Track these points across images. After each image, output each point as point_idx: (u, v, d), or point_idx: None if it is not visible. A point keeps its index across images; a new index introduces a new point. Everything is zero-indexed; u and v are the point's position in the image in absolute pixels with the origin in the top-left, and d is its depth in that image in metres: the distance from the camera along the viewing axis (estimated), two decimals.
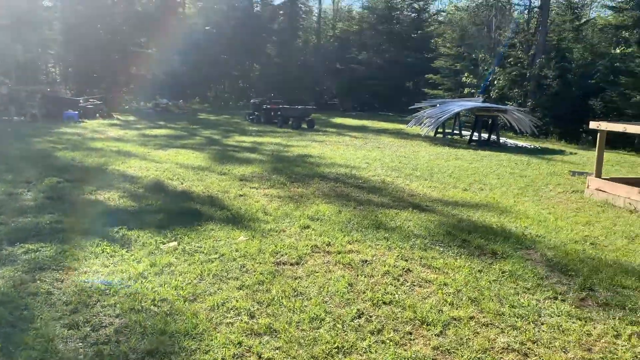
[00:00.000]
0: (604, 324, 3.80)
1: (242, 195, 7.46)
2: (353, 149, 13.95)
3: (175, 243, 5.20)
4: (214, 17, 38.13)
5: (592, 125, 8.65)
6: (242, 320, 3.61)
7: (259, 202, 7.04)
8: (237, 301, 3.90)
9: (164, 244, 5.18)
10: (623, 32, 23.15)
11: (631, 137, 18.45)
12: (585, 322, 3.84)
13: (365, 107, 35.85)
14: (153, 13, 34.58)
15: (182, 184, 8.20)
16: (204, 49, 35.28)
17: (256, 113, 22.37)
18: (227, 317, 3.66)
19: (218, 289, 4.13)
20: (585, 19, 27.74)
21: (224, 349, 3.25)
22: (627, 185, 7.96)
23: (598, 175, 8.51)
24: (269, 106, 22.12)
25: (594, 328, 3.74)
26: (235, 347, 3.27)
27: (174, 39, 33.55)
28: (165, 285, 4.16)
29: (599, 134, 8.61)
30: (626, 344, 3.53)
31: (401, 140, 17.12)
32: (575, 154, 15.45)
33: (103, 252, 4.88)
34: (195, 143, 14.16)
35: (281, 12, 40.92)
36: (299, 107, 22.16)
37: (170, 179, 8.50)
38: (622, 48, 22.19)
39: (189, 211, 6.47)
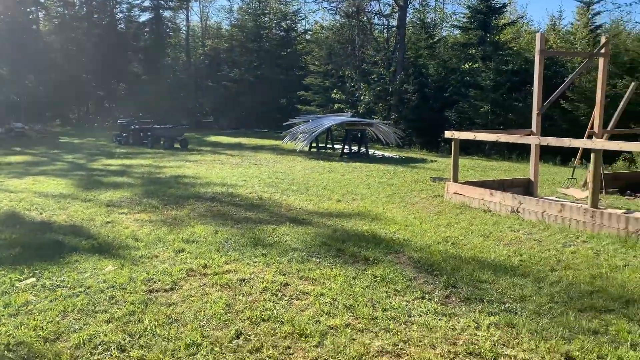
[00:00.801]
0: (466, 318, 4.11)
1: (109, 222, 7.05)
2: (229, 167, 13.82)
3: (33, 279, 4.76)
4: (72, 34, 35.85)
5: (447, 134, 9.41)
6: (112, 356, 3.39)
7: (129, 229, 6.69)
8: (105, 335, 3.66)
9: (20, 281, 4.72)
10: (470, 49, 25.59)
11: (482, 143, 20.38)
12: (450, 317, 4.12)
13: (241, 124, 35.75)
14: (3, 30, 31.64)
15: (41, 214, 7.55)
16: (63, 68, 32.99)
17: (124, 134, 21.30)
18: (94, 354, 3.41)
19: (84, 325, 3.84)
20: (437, 38, 30.23)
21: None
22: (481, 187, 8.76)
23: (455, 180, 9.26)
24: (137, 126, 21.19)
25: (458, 322, 4.03)
26: None
27: (28, 58, 31.00)
28: (22, 327, 3.79)
29: (453, 143, 9.39)
30: (485, 334, 3.84)
31: (278, 156, 17.30)
32: (436, 161, 16.70)
33: None
34: (56, 169, 13.12)
35: (146, 29, 39.51)
36: (171, 126, 21.51)
37: (27, 210, 7.79)
38: (470, 63, 24.52)
39: (50, 243, 5.97)
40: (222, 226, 6.91)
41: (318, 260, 5.49)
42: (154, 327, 3.82)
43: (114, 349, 3.48)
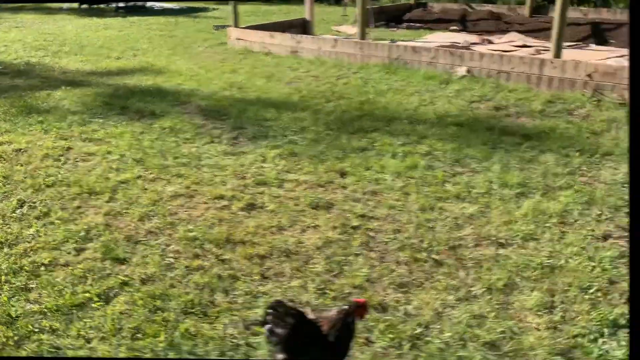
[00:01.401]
0: (254, 154, 4.43)
1: None
2: None
3: None
4: None
5: None
6: None
7: None
8: None
9: None
10: None
11: None
12: (239, 156, 4.42)
13: None
14: None
15: None
16: None
17: None
18: None
19: None
20: None
21: None
22: (261, 30, 8.88)
23: (236, 25, 9.20)
24: None
25: (246, 159, 4.34)
26: None
27: None
28: None
29: None
30: (271, 165, 4.23)
31: (43, 16, 15.03)
32: (218, 9, 16.19)
33: None
34: None
35: None
36: None
37: None
38: None
39: None
40: None
41: (101, 120, 5.28)
42: None
43: None
